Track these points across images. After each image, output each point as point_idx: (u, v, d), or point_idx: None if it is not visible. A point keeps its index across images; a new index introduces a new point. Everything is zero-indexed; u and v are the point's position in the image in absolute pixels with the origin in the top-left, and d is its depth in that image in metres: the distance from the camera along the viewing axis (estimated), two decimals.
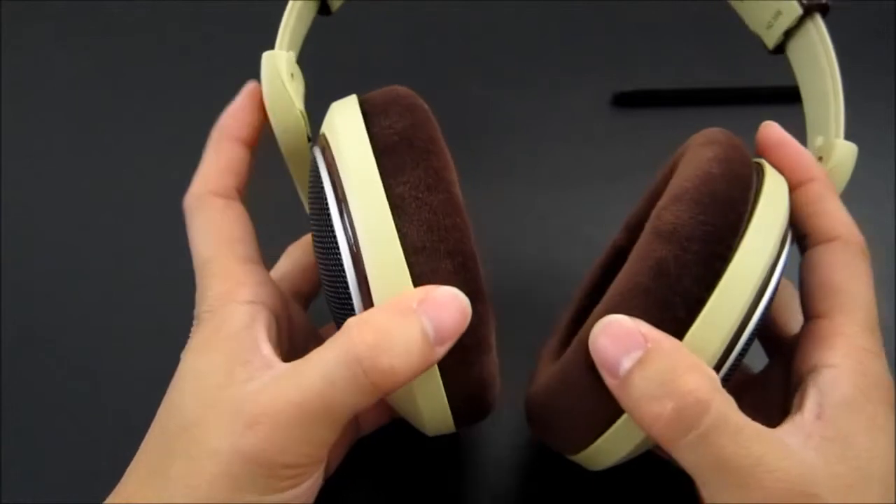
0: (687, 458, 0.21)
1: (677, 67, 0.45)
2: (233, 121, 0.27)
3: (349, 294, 0.23)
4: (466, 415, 0.25)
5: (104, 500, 0.23)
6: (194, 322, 0.25)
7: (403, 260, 0.22)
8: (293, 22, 0.29)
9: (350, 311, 0.23)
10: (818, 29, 0.29)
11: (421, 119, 0.24)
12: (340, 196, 0.23)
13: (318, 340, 0.29)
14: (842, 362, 0.22)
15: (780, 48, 0.31)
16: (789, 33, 0.30)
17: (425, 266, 0.22)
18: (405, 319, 0.22)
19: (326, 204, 0.23)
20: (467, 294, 0.23)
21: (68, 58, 0.48)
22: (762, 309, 0.22)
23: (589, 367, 0.23)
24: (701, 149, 0.24)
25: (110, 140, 0.44)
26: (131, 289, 0.37)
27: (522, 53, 0.47)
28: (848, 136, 0.27)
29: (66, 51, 0.48)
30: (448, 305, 0.22)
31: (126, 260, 0.39)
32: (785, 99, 0.32)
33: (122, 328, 0.36)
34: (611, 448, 0.24)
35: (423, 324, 0.22)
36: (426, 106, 0.25)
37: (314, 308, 0.32)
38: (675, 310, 0.22)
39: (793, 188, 0.25)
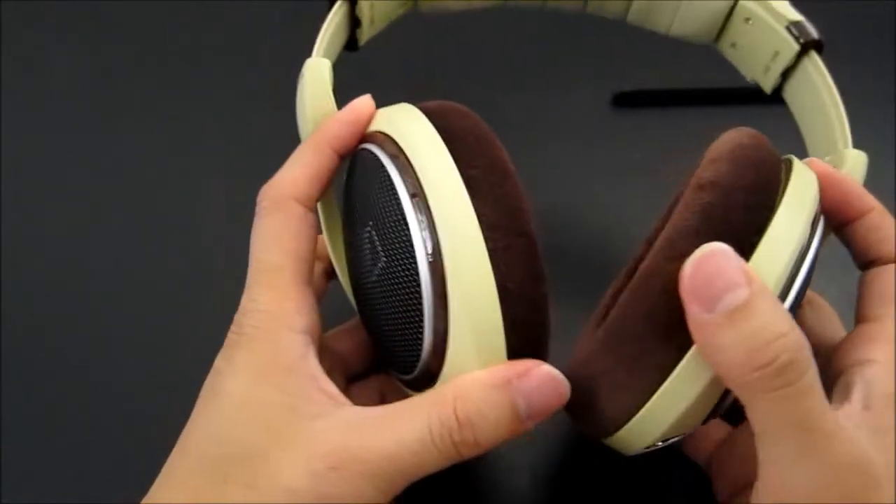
0: (767, 409, 0.21)
1: (677, 67, 0.45)
2: (338, 129, 0.25)
3: (416, 271, 0.22)
4: None
5: (103, 500, 0.23)
6: (233, 328, 0.24)
7: (481, 236, 0.22)
8: (331, 32, 0.29)
9: (415, 291, 0.22)
10: (815, 65, 0.30)
11: (479, 121, 0.25)
12: (415, 188, 0.23)
13: (329, 352, 0.29)
14: (887, 360, 0.23)
15: (777, 91, 0.32)
16: (787, 73, 0.31)
17: (500, 242, 0.22)
18: (500, 395, 0.22)
19: (396, 196, 0.23)
20: (533, 275, 0.23)
21: (68, 58, 0.48)
22: (806, 269, 0.22)
23: (643, 316, 0.22)
24: (726, 135, 0.25)
25: (110, 141, 0.43)
26: (133, 289, 0.37)
27: (522, 53, 0.47)
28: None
29: (67, 51, 0.48)
30: (546, 386, 0.23)
31: (128, 261, 0.39)
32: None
33: (123, 328, 0.36)
34: (661, 412, 0.23)
35: (517, 402, 0.22)
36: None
37: None
38: None
39: (853, 219, 0.26)
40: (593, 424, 0.25)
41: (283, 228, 0.25)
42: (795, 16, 0.31)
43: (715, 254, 0.21)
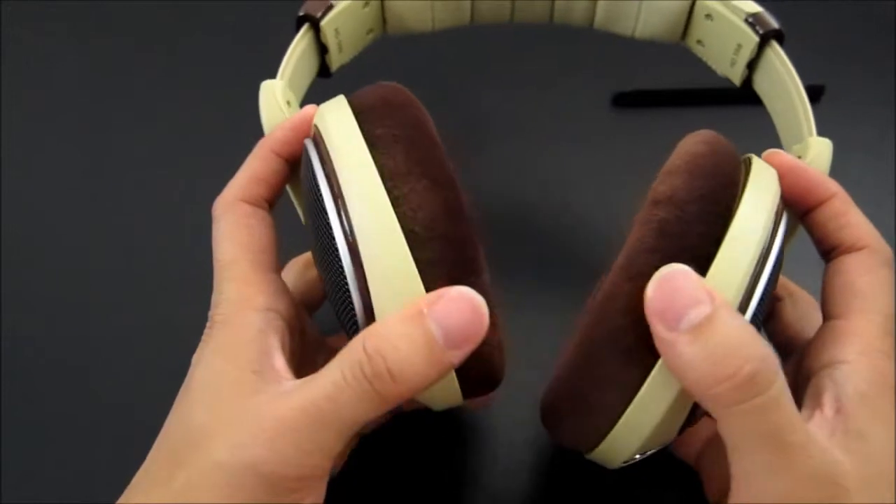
0: (736, 423, 0.21)
1: (677, 67, 0.45)
2: (280, 134, 0.27)
3: (333, 234, 0.23)
4: (475, 380, 0.24)
5: (103, 500, 0.23)
6: (207, 324, 0.25)
7: (380, 184, 0.22)
8: (297, 56, 0.31)
9: (342, 272, 0.23)
10: (777, 54, 0.31)
11: (395, 89, 0.25)
12: (329, 168, 0.23)
13: (329, 351, 0.29)
14: (857, 359, 0.23)
15: (748, 84, 0.33)
16: (752, 65, 0.32)
17: (403, 189, 0.22)
18: (410, 324, 0.22)
19: (317, 183, 0.23)
20: (445, 213, 0.22)
21: (69, 58, 0.48)
22: (769, 272, 0.22)
23: (607, 337, 0.23)
24: (686, 140, 0.25)
25: (111, 141, 0.44)
26: (133, 289, 0.38)
27: (522, 53, 0.47)
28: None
29: (67, 51, 0.48)
30: (461, 307, 0.22)
31: (128, 260, 0.39)
32: None
33: (124, 328, 0.36)
34: (632, 431, 0.23)
35: (429, 327, 0.21)
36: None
37: (319, 321, 0.32)
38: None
39: (814, 207, 0.26)
40: (571, 443, 0.26)
41: (234, 226, 0.26)
42: (754, 7, 0.31)
43: (675, 274, 0.21)
